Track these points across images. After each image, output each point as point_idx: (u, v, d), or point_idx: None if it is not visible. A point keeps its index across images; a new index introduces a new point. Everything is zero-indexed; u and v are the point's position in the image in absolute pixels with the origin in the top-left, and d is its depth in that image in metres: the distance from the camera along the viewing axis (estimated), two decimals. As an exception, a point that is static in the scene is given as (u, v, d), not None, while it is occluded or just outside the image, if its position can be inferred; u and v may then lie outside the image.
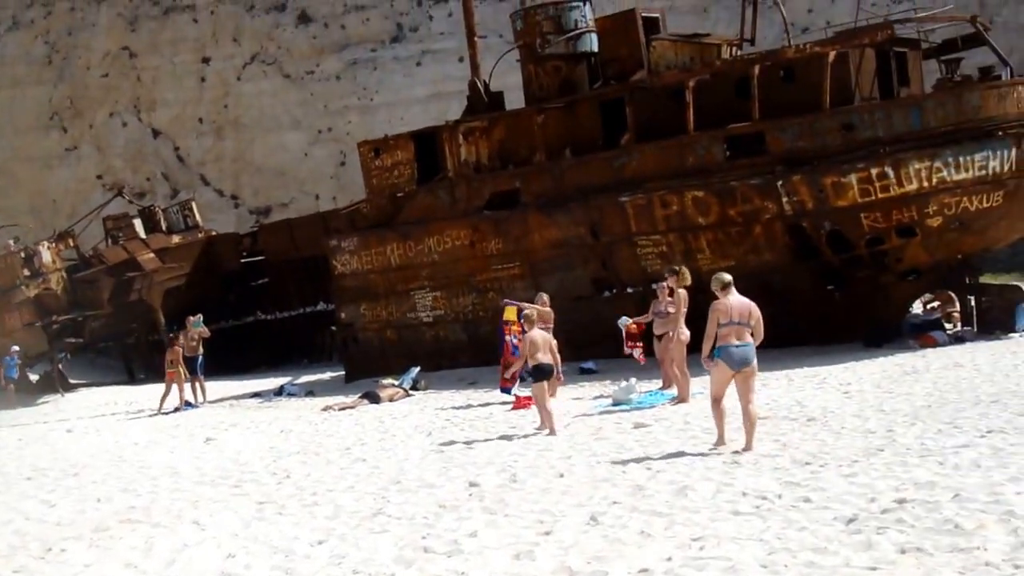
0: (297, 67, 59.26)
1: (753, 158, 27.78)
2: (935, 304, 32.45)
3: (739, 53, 31.20)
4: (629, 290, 29.55)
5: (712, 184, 28.07)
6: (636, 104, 30.01)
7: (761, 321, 16.00)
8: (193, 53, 60.57)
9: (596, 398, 23.87)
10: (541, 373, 19.92)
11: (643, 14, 32.25)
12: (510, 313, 24.87)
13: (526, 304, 24.78)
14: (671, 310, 22.62)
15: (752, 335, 15.94)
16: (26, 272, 42.41)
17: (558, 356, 20.33)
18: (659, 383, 23.58)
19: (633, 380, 23.31)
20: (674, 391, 22.21)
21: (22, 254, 42.89)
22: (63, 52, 61.54)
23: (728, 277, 16.30)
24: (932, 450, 14.65)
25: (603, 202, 29.81)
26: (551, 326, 24.99)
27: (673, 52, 30.86)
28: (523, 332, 21.02)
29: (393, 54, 58.07)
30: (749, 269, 27.23)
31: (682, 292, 22.05)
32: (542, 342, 20.26)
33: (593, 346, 28.93)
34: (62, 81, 61.33)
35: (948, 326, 29.42)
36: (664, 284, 23.03)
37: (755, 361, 15.99)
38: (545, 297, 25.53)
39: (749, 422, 15.92)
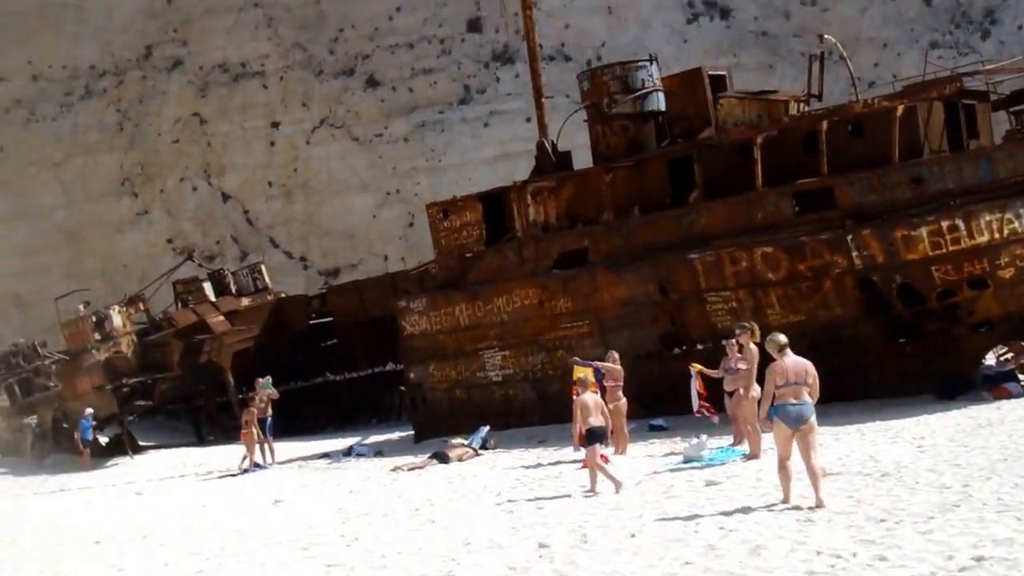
0: (365, 130, 59.77)
1: (822, 213, 27.58)
2: (1008, 355, 31.94)
3: (806, 109, 31.07)
4: (699, 347, 29.30)
5: (781, 240, 27.87)
6: (704, 161, 29.93)
7: (817, 380, 16.01)
8: (263, 118, 61.28)
9: (666, 455, 23.63)
10: (593, 436, 19.97)
11: (709, 72, 32.29)
12: (581, 372, 24.77)
13: (599, 363, 24.88)
14: (741, 367, 22.43)
15: (809, 394, 15.89)
16: (97, 336, 42.83)
17: (621, 417, 20.19)
18: (730, 440, 23.37)
19: (704, 437, 23.11)
20: (745, 447, 21.97)
21: (93, 318, 43.34)
22: (135, 119, 62.43)
23: (783, 339, 16.22)
24: (1010, 505, 14.34)
25: (672, 259, 29.66)
26: (620, 384, 25.06)
27: (740, 109, 30.79)
28: (576, 395, 21.02)
29: (461, 115, 58.48)
30: (819, 323, 27.09)
31: (753, 348, 21.85)
32: (594, 405, 20.40)
33: (663, 403, 28.71)
34: (133, 148, 62.17)
35: (1022, 377, 28.91)
36: (734, 340, 22.84)
37: (813, 418, 15.93)
38: (615, 355, 25.63)
39: (813, 476, 15.78)
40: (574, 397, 21.31)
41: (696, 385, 24.42)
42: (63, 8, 63.01)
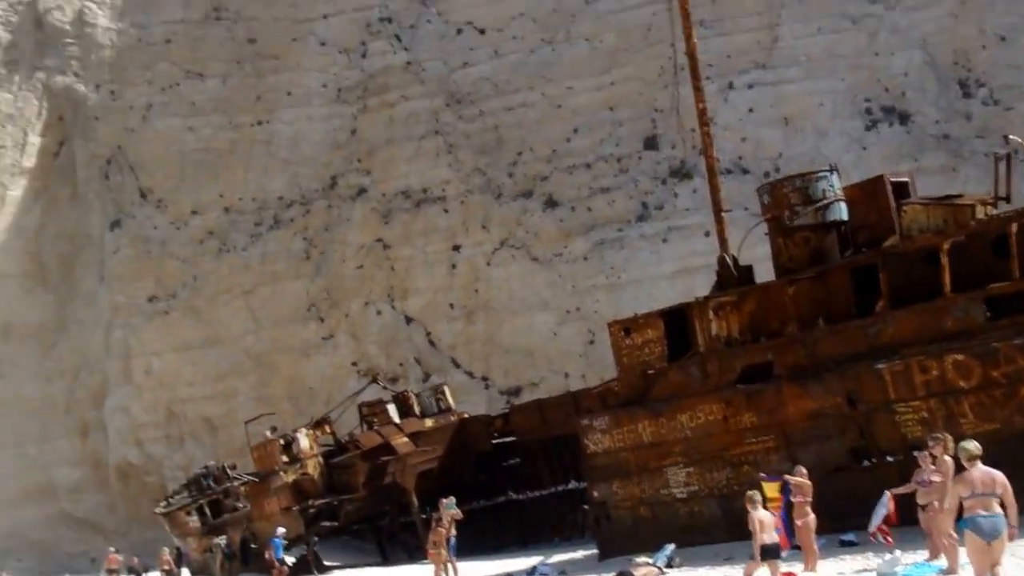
0: (545, 250, 60.22)
1: (1015, 317, 26.73)
2: None
3: (994, 212, 30.32)
4: (889, 459, 28.49)
5: (973, 346, 27.05)
6: (889, 270, 29.34)
7: (1009, 489, 15.35)
8: (444, 242, 62.25)
9: (859, 572, 22.90)
10: (767, 553, 19.71)
11: (891, 179, 31.78)
12: (770, 490, 24.45)
13: (787, 476, 24.44)
14: (935, 479, 21.73)
15: (1003, 505, 15.29)
16: (285, 458, 43.65)
17: (810, 533, 19.89)
18: (925, 555, 22.54)
19: (898, 552, 22.36)
20: (943, 562, 21.16)
21: (281, 441, 44.18)
22: (320, 247, 63.99)
23: (976, 448, 15.69)
24: None
25: (859, 370, 29.00)
26: (809, 499, 24.47)
27: (925, 215, 30.21)
28: (748, 512, 20.72)
29: (639, 232, 58.56)
30: (1016, 431, 26.08)
31: (947, 460, 21.18)
32: (768, 522, 20.13)
33: (853, 518, 27.88)
34: (319, 274, 63.62)
35: None
36: (926, 452, 22.21)
37: (1006, 532, 15.26)
38: (802, 469, 25.19)
39: None
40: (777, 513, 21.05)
41: (888, 507, 23.73)
42: (252, 144, 65.41)
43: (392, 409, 47.00)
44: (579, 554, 37.20)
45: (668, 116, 52.47)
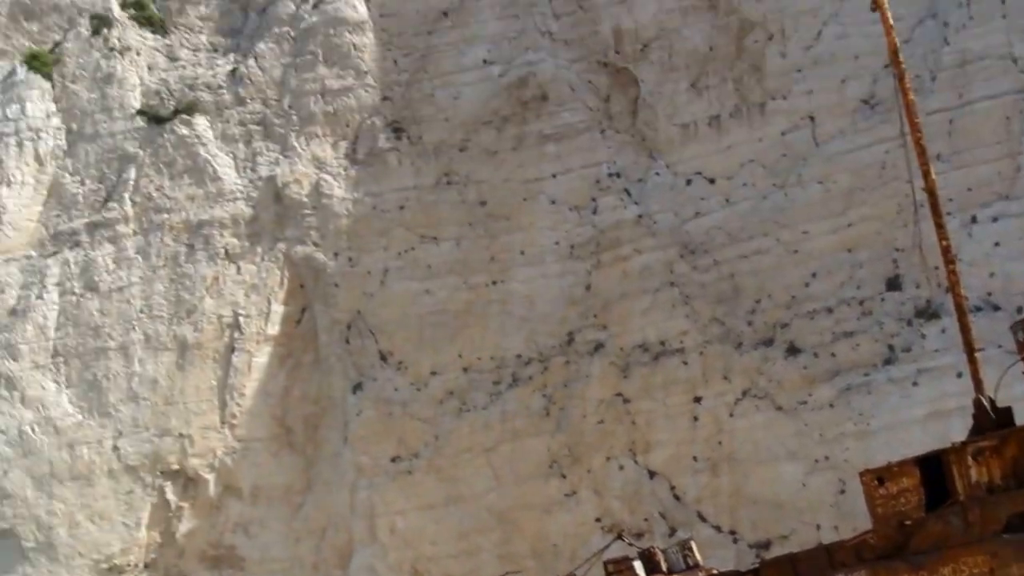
0: (789, 398, 59.17)
1: None
2: None
3: None
4: None
5: None
6: None
7: None
8: (684, 394, 61.71)
9: None
10: None
11: None
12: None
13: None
14: None
15: None
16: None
17: None
18: None
19: None
20: None
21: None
22: (560, 403, 64.02)
23: None
24: None
25: None
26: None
27: None
28: None
29: (887, 376, 57.13)
30: None
31: None
32: None
33: None
34: (560, 430, 63.57)
35: None
36: None
37: None
38: (1082, 625, 23.54)
39: None
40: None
41: None
42: (488, 304, 66.27)
43: (638, 566, 45.85)
44: None
45: (910, 255, 51.45)
